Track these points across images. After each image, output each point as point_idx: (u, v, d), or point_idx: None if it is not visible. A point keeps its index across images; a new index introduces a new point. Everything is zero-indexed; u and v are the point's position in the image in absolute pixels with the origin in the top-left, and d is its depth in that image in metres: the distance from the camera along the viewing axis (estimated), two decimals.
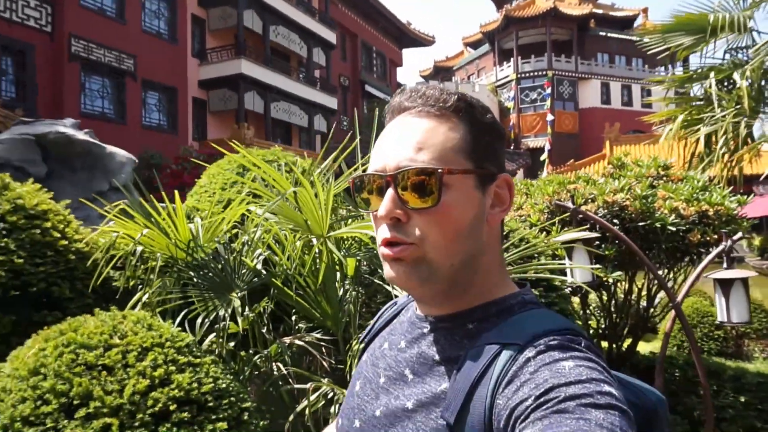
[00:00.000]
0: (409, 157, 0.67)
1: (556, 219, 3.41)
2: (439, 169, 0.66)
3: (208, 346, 2.58)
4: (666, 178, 4.42)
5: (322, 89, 23.39)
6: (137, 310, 2.71)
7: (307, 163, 3.38)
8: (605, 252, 3.44)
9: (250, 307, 2.67)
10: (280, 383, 2.57)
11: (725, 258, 2.79)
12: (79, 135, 5.24)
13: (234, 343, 2.78)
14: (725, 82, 4.81)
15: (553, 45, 34.99)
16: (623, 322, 4.88)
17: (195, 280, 2.53)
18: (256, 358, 2.67)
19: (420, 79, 45.05)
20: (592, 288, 3.34)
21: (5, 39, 12.94)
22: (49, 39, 13.98)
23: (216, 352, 2.58)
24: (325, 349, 2.70)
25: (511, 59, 36.15)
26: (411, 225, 0.67)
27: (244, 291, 2.55)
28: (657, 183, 4.25)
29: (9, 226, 2.60)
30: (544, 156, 29.87)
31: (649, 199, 3.63)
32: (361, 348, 0.90)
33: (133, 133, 15.43)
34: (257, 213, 2.62)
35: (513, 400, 0.57)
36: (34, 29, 13.63)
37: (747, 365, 5.46)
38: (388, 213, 0.67)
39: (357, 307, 2.73)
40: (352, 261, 2.76)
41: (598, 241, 3.48)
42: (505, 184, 0.73)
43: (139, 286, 3.14)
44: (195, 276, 2.53)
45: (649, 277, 4.75)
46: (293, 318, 2.83)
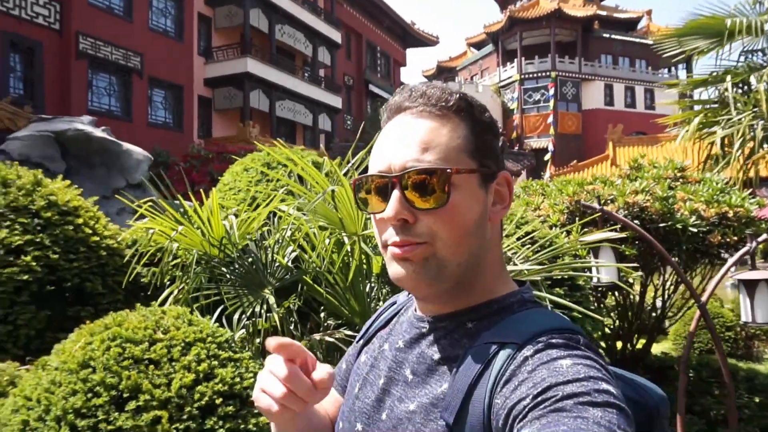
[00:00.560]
0: (414, 158, 0.67)
1: (580, 220, 3.43)
2: (447, 169, 0.66)
3: (238, 342, 2.61)
4: (682, 180, 4.45)
5: (327, 88, 23.42)
6: (168, 305, 2.74)
7: (334, 163, 3.40)
8: (626, 252, 3.47)
9: (278, 303, 2.70)
10: None
11: (749, 259, 2.82)
12: (97, 132, 5.27)
13: (259, 340, 2.80)
14: (741, 85, 4.84)
15: (557, 46, 34.99)
16: (637, 322, 4.90)
17: (228, 276, 2.56)
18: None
19: (423, 79, 45.07)
20: (615, 288, 3.37)
21: (14, 36, 12.97)
22: (57, 36, 14.01)
23: (246, 348, 2.61)
24: None
25: (515, 60, 36.14)
26: (419, 225, 0.67)
27: (275, 287, 2.58)
28: (674, 185, 4.28)
29: (43, 222, 2.63)
30: (547, 157, 29.88)
31: (669, 201, 3.65)
32: (358, 348, 0.89)
33: (139, 131, 15.45)
34: (288, 210, 2.65)
35: (511, 399, 0.57)
36: (42, 27, 13.66)
37: (758, 366, 5.48)
38: (397, 214, 0.66)
39: (383, 304, 2.76)
40: (379, 258, 2.79)
41: (618, 242, 3.51)
42: (505, 182, 0.73)
43: (167, 282, 3.17)
44: (228, 272, 2.56)
45: (664, 278, 4.77)
46: (322, 315, 2.85)
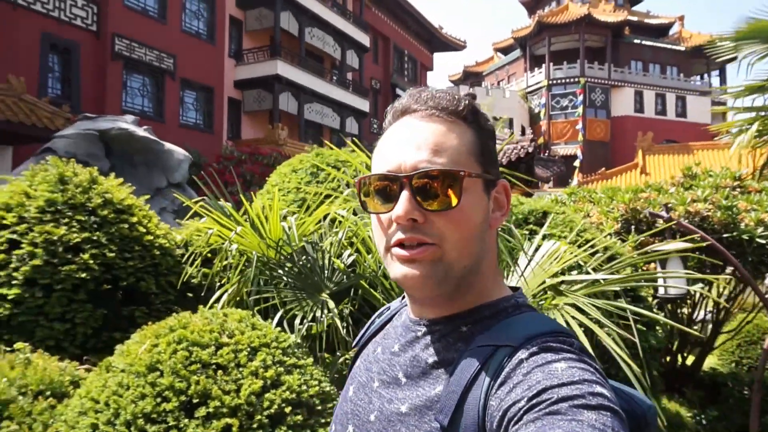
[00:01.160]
0: (426, 159, 0.67)
1: (637, 228, 3.30)
2: (461, 171, 0.67)
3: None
4: (741, 189, 4.27)
5: (355, 92, 23.45)
6: (219, 306, 2.69)
7: None
8: (688, 264, 3.32)
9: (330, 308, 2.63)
10: None
11: None
12: (139, 132, 5.29)
13: (308, 344, 2.74)
14: None
15: (586, 51, 34.53)
16: (690, 337, 4.72)
17: (285, 279, 2.50)
18: (341, 360, 2.63)
19: (449, 84, 44.89)
20: (674, 300, 3.22)
21: (54, 38, 13.25)
22: (94, 38, 14.27)
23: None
24: None
25: (543, 65, 35.76)
26: (428, 226, 0.67)
27: (333, 291, 2.52)
28: (733, 194, 4.10)
29: (100, 220, 2.61)
30: (576, 164, 29.42)
31: (733, 210, 3.49)
32: (354, 353, 0.90)
33: (171, 132, 15.63)
34: (345, 213, 2.59)
35: (506, 402, 0.58)
36: (80, 28, 13.93)
37: None
38: (407, 213, 0.66)
39: None
40: None
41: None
42: (503, 190, 0.74)
43: (217, 284, 3.13)
44: (285, 275, 2.50)
45: (718, 291, 4.59)
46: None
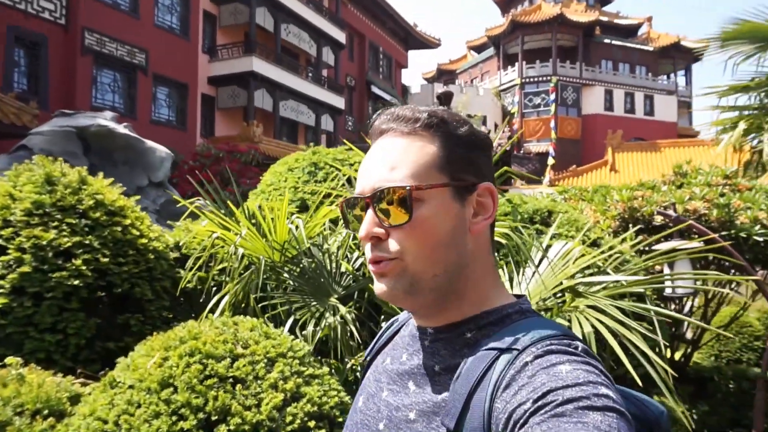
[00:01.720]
0: (383, 178, 0.70)
1: (634, 226, 3.30)
2: (407, 186, 0.68)
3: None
4: (730, 187, 4.32)
5: (331, 89, 23.25)
6: (217, 313, 2.58)
7: None
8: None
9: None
10: None
11: None
12: (120, 129, 5.06)
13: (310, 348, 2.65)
14: None
15: (558, 51, 35.00)
16: (678, 332, 4.78)
17: (291, 283, 2.39)
18: (350, 366, 2.54)
19: (423, 82, 44.98)
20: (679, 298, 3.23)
21: (19, 30, 12.72)
22: (62, 31, 13.76)
23: None
24: None
25: (516, 64, 36.12)
26: (390, 242, 0.70)
27: (341, 295, 2.42)
28: (724, 191, 4.15)
29: (91, 223, 2.45)
30: (550, 161, 29.81)
31: (730, 208, 3.52)
32: (365, 366, 0.90)
33: (143, 129, 15.13)
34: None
35: (511, 404, 0.58)
36: (48, 21, 13.41)
37: None
38: (367, 233, 0.70)
39: None
40: None
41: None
42: (488, 193, 0.74)
43: (214, 288, 3.00)
44: (291, 279, 2.39)
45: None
46: (382, 325, 2.70)
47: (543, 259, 2.45)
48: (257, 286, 2.33)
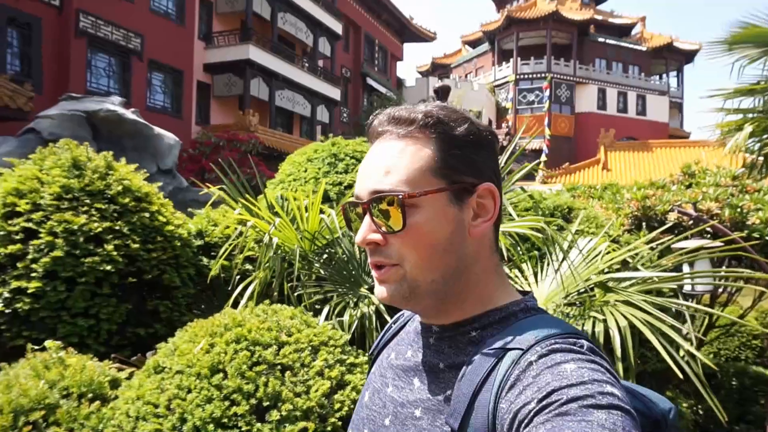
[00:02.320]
0: (378, 183, 0.69)
1: (647, 225, 3.34)
2: (399, 195, 0.67)
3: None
4: (737, 188, 4.39)
5: (327, 80, 23.12)
6: (244, 301, 2.59)
7: None
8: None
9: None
10: None
11: None
12: (128, 114, 5.00)
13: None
14: None
15: (552, 48, 35.10)
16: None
17: (323, 272, 2.41)
18: None
19: (417, 75, 44.88)
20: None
21: (12, 11, 12.46)
22: (56, 13, 13.51)
23: None
24: None
25: (510, 60, 36.17)
26: (389, 247, 0.69)
27: (371, 285, 2.44)
28: (734, 192, 4.22)
29: (120, 209, 2.43)
30: (543, 158, 29.97)
31: (743, 209, 3.58)
32: (371, 361, 0.90)
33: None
34: None
35: (516, 404, 0.58)
36: (42, 2, 13.16)
37: None
38: (363, 240, 0.70)
39: None
40: None
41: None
42: (488, 194, 0.72)
43: (238, 277, 3.00)
44: (324, 268, 2.40)
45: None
46: None
47: (571, 254, 2.49)
48: (285, 275, 2.34)
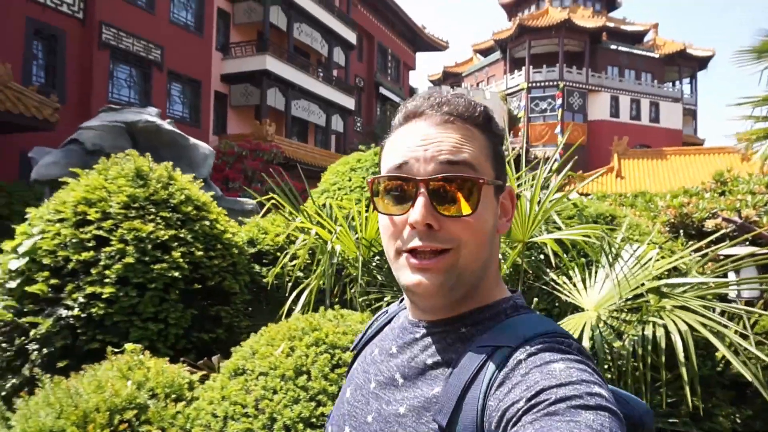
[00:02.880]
0: (446, 164, 0.67)
1: (685, 233, 3.38)
2: (480, 179, 0.67)
3: None
4: None
5: (341, 89, 23.33)
6: (299, 308, 2.65)
7: None
8: None
9: None
10: None
11: None
12: (165, 125, 5.13)
13: None
14: None
15: (564, 56, 35.15)
16: None
17: (379, 278, 2.48)
18: None
19: (429, 84, 45.07)
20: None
21: (38, 24, 12.78)
22: (80, 25, 13.82)
23: None
24: None
25: (522, 68, 36.25)
26: (444, 232, 0.66)
27: None
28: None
29: (182, 217, 2.52)
30: (554, 166, 29.93)
31: None
32: (352, 357, 0.90)
33: None
34: None
35: (504, 402, 0.58)
36: (66, 15, 13.47)
37: None
38: (424, 219, 0.65)
39: None
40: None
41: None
42: (509, 196, 0.75)
43: (289, 284, 3.07)
44: (379, 274, 2.47)
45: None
46: None
47: (621, 260, 2.54)
48: (346, 281, 2.41)
